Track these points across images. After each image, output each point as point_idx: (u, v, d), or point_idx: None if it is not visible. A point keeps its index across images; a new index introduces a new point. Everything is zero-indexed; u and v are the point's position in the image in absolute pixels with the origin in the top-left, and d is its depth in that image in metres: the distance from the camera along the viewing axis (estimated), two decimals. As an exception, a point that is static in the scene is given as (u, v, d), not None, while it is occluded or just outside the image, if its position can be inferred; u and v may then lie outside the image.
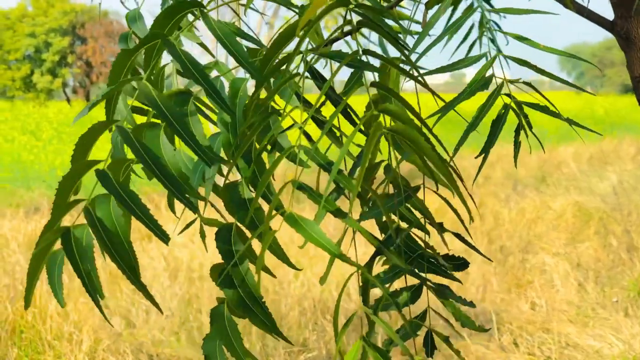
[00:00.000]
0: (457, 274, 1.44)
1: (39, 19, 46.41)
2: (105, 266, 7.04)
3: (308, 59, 1.17)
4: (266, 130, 1.24)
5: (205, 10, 1.15)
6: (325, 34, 1.45)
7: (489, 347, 5.08)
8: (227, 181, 1.26)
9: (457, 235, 1.42)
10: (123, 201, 1.05)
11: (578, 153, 15.83)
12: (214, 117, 1.28)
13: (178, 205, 1.31)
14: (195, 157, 1.12)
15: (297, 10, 1.35)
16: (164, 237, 1.07)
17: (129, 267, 1.10)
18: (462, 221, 1.37)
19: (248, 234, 1.21)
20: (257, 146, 1.22)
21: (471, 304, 1.40)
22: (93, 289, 1.11)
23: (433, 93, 1.15)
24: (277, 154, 1.28)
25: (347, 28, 1.19)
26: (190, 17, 1.21)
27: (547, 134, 18.25)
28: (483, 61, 1.38)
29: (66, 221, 1.13)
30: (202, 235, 1.53)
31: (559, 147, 16.94)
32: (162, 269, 6.95)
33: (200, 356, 4.84)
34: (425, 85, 1.11)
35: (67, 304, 5.48)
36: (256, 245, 1.15)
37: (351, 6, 1.05)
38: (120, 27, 47.25)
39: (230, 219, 1.27)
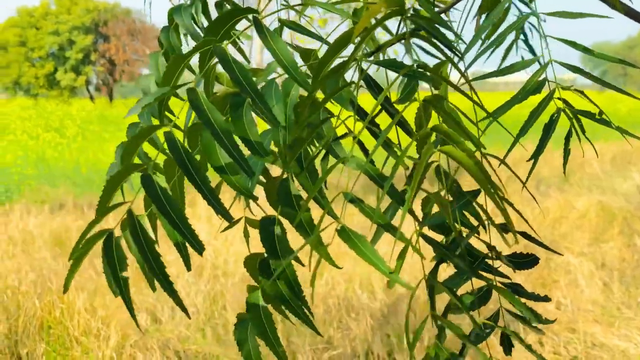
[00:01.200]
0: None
1: (62, 17, 46.76)
2: (130, 262, 7.09)
3: (364, 66, 1.18)
4: (319, 135, 1.26)
5: (260, 17, 1.17)
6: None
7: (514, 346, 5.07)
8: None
9: (523, 234, 1.41)
10: (163, 209, 1.06)
11: (601, 153, 15.73)
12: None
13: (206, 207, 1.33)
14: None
15: (352, 17, 1.36)
16: (199, 248, 1.09)
17: (163, 275, 1.13)
18: (526, 221, 1.37)
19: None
20: (310, 150, 1.24)
21: (546, 299, 1.38)
22: (128, 297, 1.15)
23: (482, 107, 1.16)
24: (328, 161, 1.29)
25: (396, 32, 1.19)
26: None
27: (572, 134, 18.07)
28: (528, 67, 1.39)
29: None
30: (246, 235, 1.55)
31: (582, 147, 16.77)
32: (186, 265, 6.99)
33: (225, 352, 4.86)
34: (471, 98, 1.11)
35: (94, 299, 5.54)
36: (296, 241, 1.16)
37: (405, 15, 1.06)
38: (143, 25, 47.51)
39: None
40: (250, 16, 1.16)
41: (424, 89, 1.20)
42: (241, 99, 1.06)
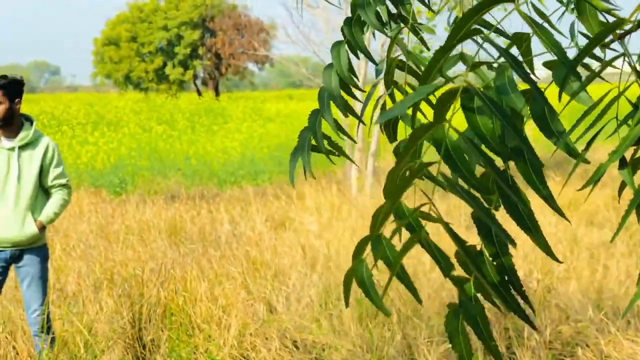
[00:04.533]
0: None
1: (170, 13, 47.89)
2: (245, 253, 7.24)
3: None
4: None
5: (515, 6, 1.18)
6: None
7: (638, 342, 4.95)
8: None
9: None
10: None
11: None
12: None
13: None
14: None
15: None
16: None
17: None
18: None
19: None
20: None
21: None
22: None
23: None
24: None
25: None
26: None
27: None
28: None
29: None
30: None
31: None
32: (299, 257, 7.08)
33: (342, 343, 4.88)
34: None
35: (214, 288, 5.68)
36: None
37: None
38: (248, 20, 48.21)
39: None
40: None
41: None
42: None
